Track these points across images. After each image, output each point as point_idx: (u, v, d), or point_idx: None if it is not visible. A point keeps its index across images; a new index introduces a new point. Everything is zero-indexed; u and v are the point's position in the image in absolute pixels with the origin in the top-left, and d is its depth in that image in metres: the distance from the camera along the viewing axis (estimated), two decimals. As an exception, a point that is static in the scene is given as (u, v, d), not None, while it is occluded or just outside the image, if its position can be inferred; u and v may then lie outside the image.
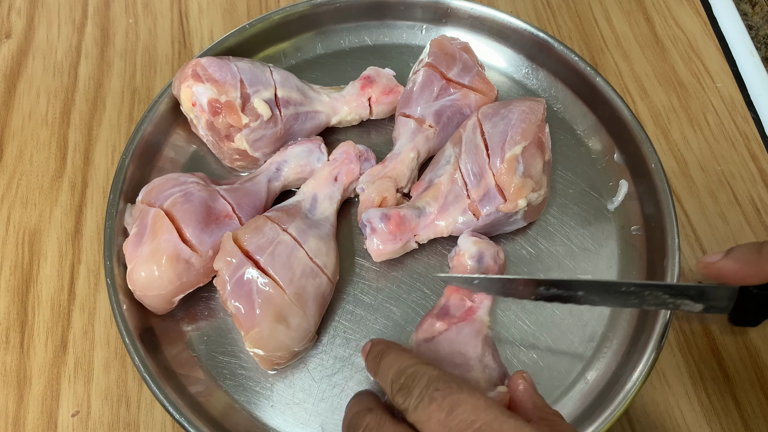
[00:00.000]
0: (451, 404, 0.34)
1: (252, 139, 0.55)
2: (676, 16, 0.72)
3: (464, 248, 0.51)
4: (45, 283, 0.56)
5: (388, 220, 0.51)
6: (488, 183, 0.51)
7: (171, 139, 0.60)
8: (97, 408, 0.52)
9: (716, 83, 0.67)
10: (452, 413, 0.34)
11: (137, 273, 0.49)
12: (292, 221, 0.51)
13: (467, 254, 0.51)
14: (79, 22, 0.71)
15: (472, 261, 0.51)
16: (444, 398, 0.34)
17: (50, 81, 0.67)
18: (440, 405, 0.34)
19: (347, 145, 0.56)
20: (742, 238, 0.59)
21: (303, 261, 0.49)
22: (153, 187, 0.52)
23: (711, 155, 0.63)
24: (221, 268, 0.48)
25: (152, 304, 0.50)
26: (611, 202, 0.58)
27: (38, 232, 0.59)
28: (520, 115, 0.52)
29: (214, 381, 0.51)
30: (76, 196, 0.60)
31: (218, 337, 0.53)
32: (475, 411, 0.33)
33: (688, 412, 0.52)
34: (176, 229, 0.49)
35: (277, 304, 0.47)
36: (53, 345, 0.54)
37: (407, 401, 0.36)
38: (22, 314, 0.55)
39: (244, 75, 0.55)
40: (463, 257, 0.51)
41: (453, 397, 0.34)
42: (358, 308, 0.54)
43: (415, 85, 0.57)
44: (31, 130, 0.64)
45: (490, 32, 0.64)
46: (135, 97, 0.66)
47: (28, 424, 0.51)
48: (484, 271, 0.51)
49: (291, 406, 0.50)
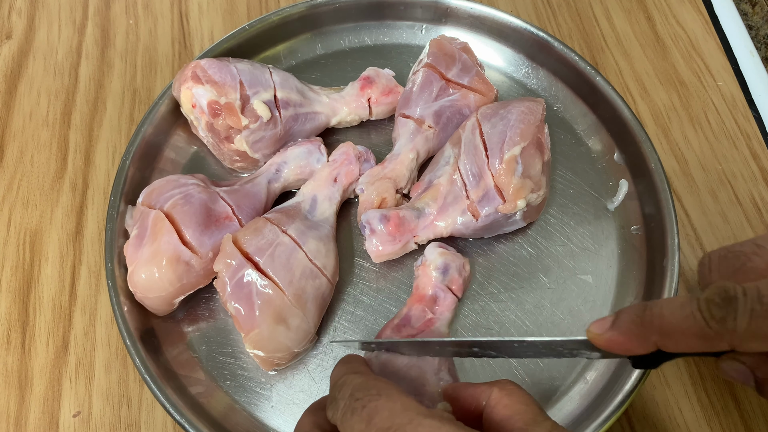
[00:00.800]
0: (370, 413, 0.33)
1: (252, 141, 0.55)
2: (677, 15, 0.71)
3: (430, 259, 0.52)
4: (46, 283, 0.57)
5: (388, 222, 0.51)
6: (487, 184, 0.51)
7: (171, 141, 0.60)
8: (99, 408, 0.52)
9: (717, 82, 0.67)
10: (371, 422, 0.32)
11: (138, 275, 0.49)
12: (291, 223, 0.51)
13: (432, 265, 0.51)
14: (79, 23, 0.71)
15: (437, 272, 0.51)
16: (363, 408, 0.33)
17: (51, 82, 0.67)
18: (360, 415, 0.33)
19: (347, 146, 0.57)
20: (743, 236, 0.59)
21: (302, 262, 0.49)
22: (153, 189, 0.52)
23: (712, 154, 0.63)
24: (221, 269, 0.48)
25: (153, 305, 0.51)
26: (611, 202, 0.58)
27: (39, 233, 0.59)
28: (519, 116, 0.52)
29: (214, 382, 0.51)
30: (76, 197, 0.61)
31: (219, 338, 0.53)
32: (391, 416, 0.32)
33: (688, 412, 0.52)
34: (176, 231, 0.49)
35: (277, 305, 0.47)
36: (54, 346, 0.54)
37: (335, 415, 0.34)
38: (24, 315, 0.55)
39: (243, 76, 0.55)
40: (428, 268, 0.51)
41: (371, 406, 0.33)
42: (358, 309, 0.54)
43: (415, 86, 0.57)
44: (32, 130, 0.64)
45: (490, 32, 0.64)
46: (135, 98, 0.66)
47: (29, 425, 0.51)
48: (449, 284, 0.51)
49: (291, 406, 0.50)
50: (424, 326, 0.50)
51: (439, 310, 0.51)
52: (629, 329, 0.35)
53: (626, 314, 0.35)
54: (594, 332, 0.36)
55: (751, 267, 0.36)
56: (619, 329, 0.35)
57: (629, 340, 0.35)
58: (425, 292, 0.51)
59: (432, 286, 0.51)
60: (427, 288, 0.51)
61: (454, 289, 0.51)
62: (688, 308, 0.33)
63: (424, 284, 0.52)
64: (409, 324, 0.50)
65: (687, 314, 0.32)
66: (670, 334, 0.33)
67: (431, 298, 0.51)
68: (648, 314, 0.34)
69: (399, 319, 0.50)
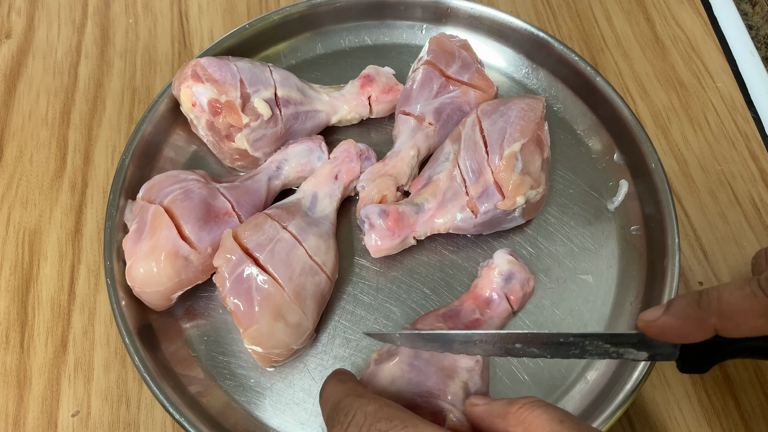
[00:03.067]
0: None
1: (252, 139, 0.55)
2: (676, 16, 0.72)
3: (497, 263, 0.52)
4: (45, 283, 0.57)
5: (387, 216, 0.51)
6: (487, 180, 0.51)
7: (171, 139, 0.60)
8: (98, 408, 0.52)
9: (716, 83, 0.67)
10: None
11: (136, 269, 0.49)
12: (292, 219, 0.51)
13: (497, 269, 0.52)
14: (79, 22, 0.71)
15: (500, 278, 0.51)
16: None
17: (50, 81, 0.67)
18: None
19: (348, 144, 0.56)
20: (743, 237, 0.59)
21: (302, 259, 0.49)
22: (153, 184, 0.52)
23: (711, 155, 0.63)
24: (221, 265, 0.48)
25: (151, 300, 0.50)
26: (611, 202, 0.58)
27: (38, 232, 0.59)
28: (519, 113, 0.52)
29: (213, 381, 0.51)
30: (76, 196, 0.60)
31: (218, 337, 0.53)
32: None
33: (688, 412, 0.52)
34: (175, 226, 0.49)
35: (276, 301, 0.47)
36: (53, 345, 0.54)
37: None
38: (23, 314, 0.55)
39: (243, 75, 0.55)
40: (493, 271, 0.52)
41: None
42: (357, 308, 0.54)
43: (415, 83, 0.57)
44: (31, 130, 0.64)
45: (490, 32, 0.64)
46: (135, 97, 0.66)
47: (28, 424, 0.51)
48: (508, 293, 0.51)
49: (291, 405, 0.50)
50: (470, 324, 0.50)
51: (490, 314, 0.51)
52: (686, 313, 0.33)
53: (681, 299, 0.34)
54: (646, 320, 0.34)
55: None
56: (675, 314, 0.33)
57: (686, 324, 0.33)
58: (482, 293, 0.52)
59: (490, 289, 0.51)
60: (485, 289, 0.52)
61: (511, 300, 0.52)
62: (747, 288, 0.32)
63: (483, 285, 0.52)
64: (456, 317, 0.50)
65: (747, 293, 0.32)
66: (731, 315, 0.32)
67: (485, 300, 0.51)
68: (705, 297, 0.33)
69: (447, 309, 0.51)
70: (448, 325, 0.49)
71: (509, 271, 0.52)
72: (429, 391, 0.44)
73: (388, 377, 0.44)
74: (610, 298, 0.54)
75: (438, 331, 0.43)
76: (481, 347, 0.41)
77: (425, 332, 0.43)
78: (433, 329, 0.48)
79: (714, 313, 0.33)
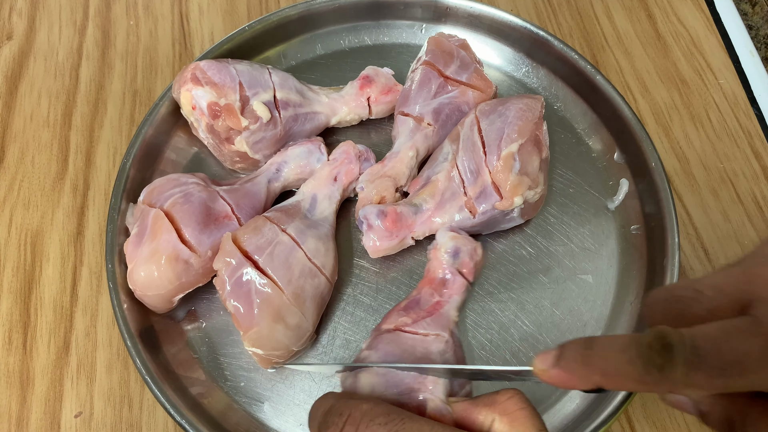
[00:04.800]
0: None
1: (252, 142, 0.55)
2: (677, 12, 0.71)
3: (441, 242, 0.52)
4: (47, 284, 0.57)
5: (385, 217, 0.52)
6: (485, 180, 0.51)
7: (172, 142, 0.60)
8: (100, 409, 0.52)
9: (719, 80, 0.67)
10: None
11: (137, 273, 0.49)
12: (291, 221, 0.51)
13: (443, 248, 0.51)
14: (80, 24, 0.71)
15: (447, 255, 0.51)
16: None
17: (51, 83, 0.67)
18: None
19: (347, 145, 0.57)
20: (744, 235, 0.59)
21: (301, 261, 0.49)
22: (154, 188, 0.52)
23: (713, 153, 0.63)
24: (220, 268, 0.48)
25: (152, 303, 0.51)
26: (611, 201, 0.58)
27: (40, 234, 0.59)
28: (517, 113, 0.52)
29: (215, 382, 0.51)
30: (77, 198, 0.61)
31: (219, 339, 0.53)
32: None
33: (688, 411, 0.52)
34: (175, 230, 0.49)
35: (276, 304, 0.47)
36: (56, 346, 0.54)
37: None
38: (25, 316, 0.56)
39: (242, 77, 0.55)
40: (440, 251, 0.51)
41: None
42: (357, 309, 0.54)
43: (413, 84, 0.57)
44: (33, 131, 0.64)
45: (490, 31, 0.64)
46: (136, 99, 0.66)
47: (31, 425, 0.52)
48: (459, 267, 0.51)
49: (291, 407, 0.50)
50: (432, 309, 0.50)
51: (448, 293, 0.51)
52: (572, 368, 0.34)
53: (570, 351, 0.35)
54: (539, 367, 0.36)
55: (692, 313, 0.36)
56: (563, 367, 0.35)
57: (572, 379, 0.34)
58: (435, 275, 0.51)
59: (442, 269, 0.51)
60: (437, 271, 0.51)
61: (464, 273, 0.51)
62: (629, 352, 0.32)
63: (434, 267, 0.52)
64: (417, 306, 0.50)
65: (628, 359, 0.32)
66: (611, 377, 0.33)
67: (441, 281, 0.51)
68: (591, 354, 0.34)
69: (407, 301, 0.51)
70: (412, 317, 0.49)
71: (454, 246, 0.51)
72: (409, 386, 0.44)
73: (367, 386, 0.44)
74: (610, 298, 0.54)
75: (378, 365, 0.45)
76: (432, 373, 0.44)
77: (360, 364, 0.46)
78: (398, 326, 0.48)
79: (598, 371, 0.34)
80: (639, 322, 0.52)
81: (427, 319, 0.49)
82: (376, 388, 0.44)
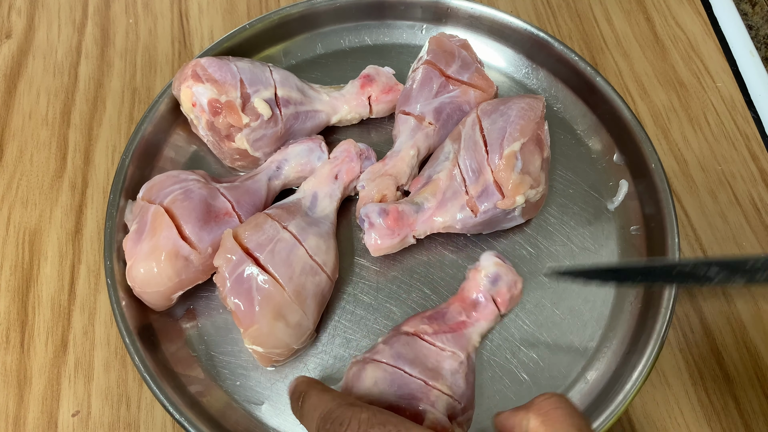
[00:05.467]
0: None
1: (252, 139, 0.55)
2: (676, 16, 0.72)
3: (484, 265, 0.52)
4: (45, 283, 0.57)
5: (386, 215, 0.51)
6: (486, 179, 0.51)
7: (171, 139, 0.60)
8: (98, 408, 0.52)
9: (716, 83, 0.67)
10: None
11: (136, 269, 0.49)
12: (292, 219, 0.51)
13: (484, 271, 0.52)
14: (79, 22, 0.71)
15: (486, 280, 0.51)
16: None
17: (50, 81, 0.67)
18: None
19: (348, 144, 0.57)
20: (743, 237, 0.59)
21: (302, 259, 0.49)
22: (154, 184, 0.52)
23: (711, 155, 0.63)
24: (221, 265, 0.48)
25: (151, 300, 0.50)
26: (611, 202, 0.58)
27: (38, 232, 0.59)
28: (519, 112, 0.52)
29: (213, 380, 0.51)
30: (76, 196, 0.60)
31: (218, 337, 0.53)
32: None
33: (688, 411, 0.52)
34: (176, 227, 0.49)
35: (277, 301, 0.47)
36: (53, 345, 0.54)
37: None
38: (23, 314, 0.55)
39: (243, 75, 0.55)
40: (480, 273, 0.52)
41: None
42: (358, 308, 0.54)
43: (415, 83, 0.57)
44: (32, 130, 0.64)
45: (490, 32, 0.64)
46: (135, 97, 0.66)
47: (28, 424, 0.51)
48: (494, 295, 0.51)
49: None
50: (456, 326, 0.50)
51: (476, 316, 0.51)
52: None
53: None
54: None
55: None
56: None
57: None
58: (469, 295, 0.52)
59: (477, 292, 0.51)
60: (472, 292, 0.52)
61: (498, 302, 0.51)
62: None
63: (470, 287, 0.52)
64: (441, 319, 0.50)
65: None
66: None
67: (472, 303, 0.51)
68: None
69: (433, 311, 0.51)
70: (433, 327, 0.49)
71: (496, 273, 0.51)
72: (412, 393, 0.44)
73: (371, 378, 0.45)
74: (610, 298, 0.54)
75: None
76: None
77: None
78: (417, 331, 0.48)
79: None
80: (639, 322, 0.52)
81: (448, 334, 0.49)
82: (378, 384, 0.44)
